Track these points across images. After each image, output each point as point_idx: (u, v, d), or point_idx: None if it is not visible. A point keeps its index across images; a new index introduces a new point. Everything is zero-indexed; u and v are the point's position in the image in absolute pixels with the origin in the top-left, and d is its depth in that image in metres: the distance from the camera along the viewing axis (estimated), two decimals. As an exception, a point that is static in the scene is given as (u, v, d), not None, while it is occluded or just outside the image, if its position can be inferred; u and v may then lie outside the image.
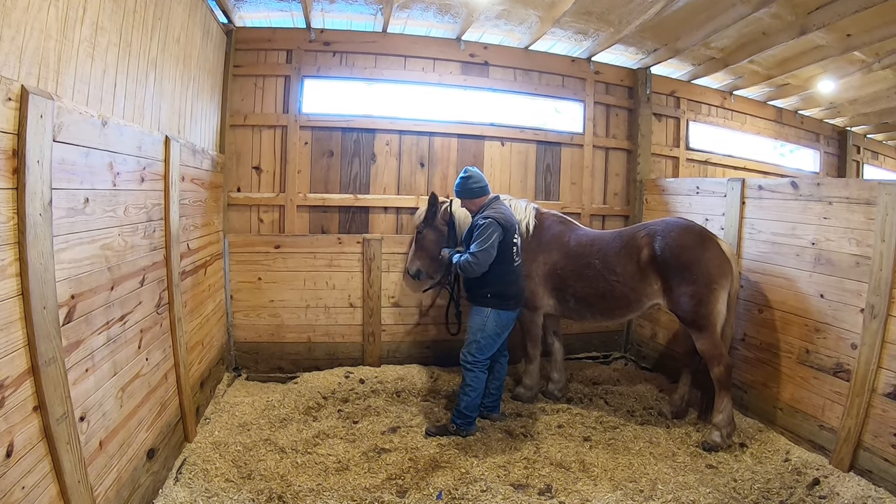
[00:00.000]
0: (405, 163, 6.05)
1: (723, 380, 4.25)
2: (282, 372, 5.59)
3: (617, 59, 6.57)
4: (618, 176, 6.74)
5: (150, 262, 3.32)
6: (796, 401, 4.28)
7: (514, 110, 6.43)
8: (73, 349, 2.41)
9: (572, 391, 5.29)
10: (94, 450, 2.56)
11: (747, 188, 4.84)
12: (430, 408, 4.84)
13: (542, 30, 5.63)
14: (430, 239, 5.30)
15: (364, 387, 5.29)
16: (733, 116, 7.68)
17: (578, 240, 4.84)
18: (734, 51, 6.05)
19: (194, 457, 3.78)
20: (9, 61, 1.98)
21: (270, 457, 3.90)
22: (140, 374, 3.14)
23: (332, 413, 4.70)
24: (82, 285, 2.50)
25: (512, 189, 6.32)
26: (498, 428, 4.50)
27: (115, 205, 2.83)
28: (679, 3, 4.86)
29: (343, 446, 4.12)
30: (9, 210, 1.97)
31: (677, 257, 4.31)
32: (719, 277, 4.27)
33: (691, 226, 4.52)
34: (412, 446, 4.16)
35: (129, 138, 2.95)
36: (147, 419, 3.21)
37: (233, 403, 4.74)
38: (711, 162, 7.36)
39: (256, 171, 5.71)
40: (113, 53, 2.79)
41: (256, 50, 5.62)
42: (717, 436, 4.22)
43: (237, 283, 5.57)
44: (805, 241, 4.24)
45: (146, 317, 3.26)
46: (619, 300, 4.59)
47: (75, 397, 2.37)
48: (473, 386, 4.27)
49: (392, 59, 5.96)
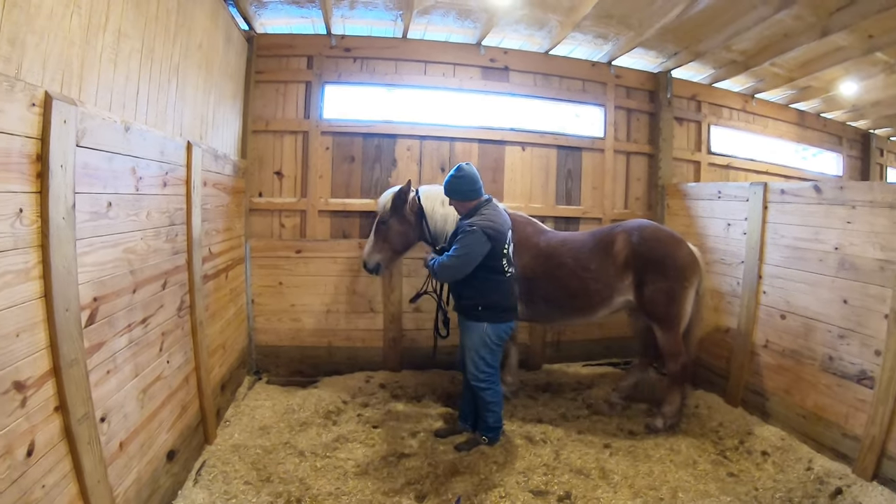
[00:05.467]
0: (426, 168, 6.04)
1: (677, 376, 4.56)
2: (302, 376, 5.61)
3: (637, 63, 6.51)
4: (639, 181, 6.67)
5: (172, 266, 3.36)
6: (819, 408, 4.17)
7: (534, 115, 6.40)
8: (94, 351, 2.44)
9: (592, 398, 5.21)
10: (115, 450, 2.59)
11: (770, 192, 4.74)
12: (450, 413, 4.81)
13: (562, 34, 5.60)
14: (396, 230, 4.72)
15: (384, 391, 5.28)
16: (755, 120, 7.55)
17: (548, 241, 4.80)
18: (756, 53, 5.95)
19: (214, 459, 3.81)
20: (33, 68, 2.02)
21: (290, 460, 3.91)
22: (161, 377, 3.18)
23: (352, 417, 4.70)
24: (105, 288, 2.54)
25: (533, 194, 6.30)
26: (518, 434, 4.45)
27: (138, 209, 2.87)
28: (700, 6, 4.80)
29: (362, 450, 4.11)
30: (33, 213, 2.01)
31: (653, 251, 4.49)
32: (691, 275, 4.50)
33: (663, 226, 4.85)
34: (432, 451, 4.13)
35: (151, 143, 2.99)
36: (167, 421, 3.25)
37: (253, 406, 4.77)
38: (733, 166, 7.25)
39: (278, 177, 5.76)
40: (136, 60, 2.84)
41: (278, 56, 5.69)
42: (659, 422, 4.54)
43: (259, 287, 5.62)
44: (828, 245, 4.14)
45: (168, 320, 3.30)
46: (592, 297, 4.63)
47: (97, 398, 2.41)
48: (496, 401, 4.18)
49: (412, 65, 5.98)
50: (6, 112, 1.83)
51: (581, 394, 5.35)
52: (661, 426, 4.51)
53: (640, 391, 5.17)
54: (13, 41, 1.91)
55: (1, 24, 1.84)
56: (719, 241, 5.38)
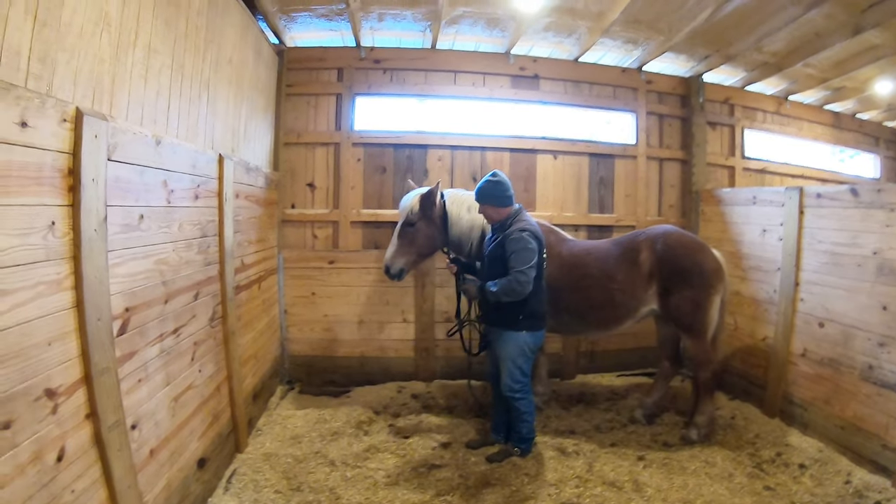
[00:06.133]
0: (458, 178, 6.04)
1: (708, 384, 4.45)
2: (335, 386, 5.64)
3: (668, 68, 6.40)
4: (673, 187, 6.52)
5: (204, 277, 3.43)
6: (859, 419, 4.00)
7: (565, 123, 6.34)
8: (126, 360, 2.50)
9: (627, 408, 5.08)
10: (145, 457, 2.63)
11: (806, 197, 4.59)
12: (482, 424, 4.75)
13: (591, 40, 5.54)
14: (424, 233, 4.51)
15: (416, 402, 5.26)
16: (789, 122, 7.33)
17: (571, 250, 4.68)
18: (787, 54, 5.79)
19: (245, 467, 3.85)
20: (64, 84, 2.10)
21: (320, 470, 3.92)
22: (193, 386, 3.23)
23: (384, 428, 4.68)
24: (136, 298, 2.59)
25: (565, 203, 6.23)
26: (550, 446, 4.37)
27: (170, 221, 2.94)
28: (728, 8, 4.71)
29: (393, 461, 4.10)
30: (65, 226, 2.07)
31: (678, 258, 4.40)
32: (716, 282, 4.42)
33: (687, 232, 4.75)
34: (463, 463, 4.08)
35: (182, 157, 3.06)
36: (198, 429, 3.30)
37: (285, 416, 4.81)
38: (769, 170, 7.04)
39: (310, 188, 5.84)
40: (166, 75, 2.93)
41: (308, 69, 5.79)
42: (694, 433, 4.41)
43: (292, 297, 5.69)
44: (867, 250, 3.99)
45: (200, 330, 3.36)
46: (618, 309, 4.53)
47: (128, 406, 2.46)
48: (529, 411, 4.11)
49: (442, 75, 6.00)
50: (38, 128, 1.89)
51: (615, 404, 5.24)
52: (696, 437, 4.39)
53: (666, 403, 5.05)
54: (44, 59, 1.98)
55: (31, 43, 1.91)
56: (755, 248, 5.23)
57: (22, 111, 1.81)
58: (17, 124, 1.80)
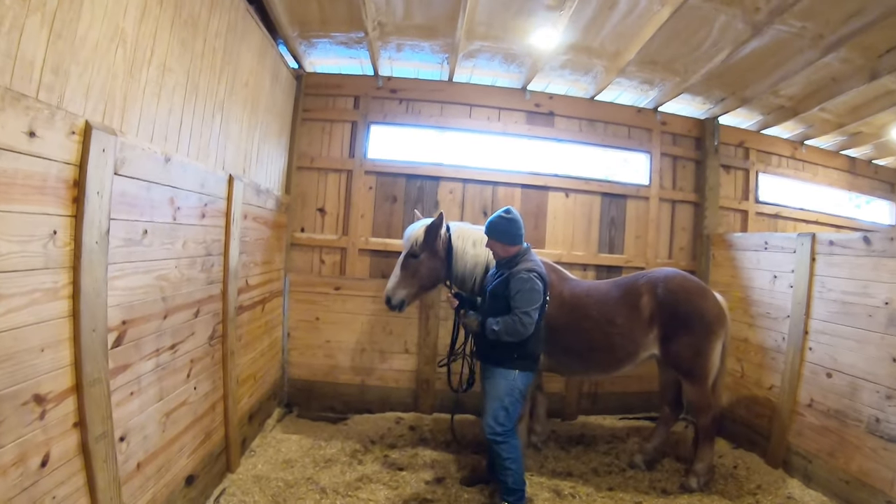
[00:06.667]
0: (468, 211, 6.06)
1: (708, 430, 4.37)
2: (333, 412, 5.60)
3: (684, 110, 6.43)
4: (684, 230, 6.48)
5: (206, 295, 3.46)
6: (864, 473, 3.87)
7: (579, 161, 6.36)
8: (119, 372, 2.51)
9: (627, 452, 4.96)
10: (132, 470, 2.63)
11: (818, 243, 4.53)
12: (479, 461, 4.67)
13: (608, 79, 5.61)
14: (427, 266, 4.46)
15: (413, 434, 5.20)
16: (804, 167, 7.25)
17: (572, 290, 4.60)
18: (803, 98, 5.80)
19: (234, 487, 3.81)
20: (75, 97, 2.16)
21: (310, 496, 3.86)
22: (186, 402, 3.23)
23: (378, 458, 4.62)
24: (134, 312, 2.62)
25: (575, 241, 6.20)
26: (546, 487, 4.27)
27: (174, 238, 2.98)
28: (745, 51, 4.75)
29: (385, 492, 4.03)
30: (67, 236, 2.12)
31: (679, 304, 4.34)
32: (717, 327, 4.36)
33: (689, 276, 4.66)
34: (455, 499, 4.01)
35: (191, 175, 3.13)
36: (189, 446, 3.28)
37: (279, 439, 4.78)
38: (782, 215, 6.94)
39: (321, 213, 5.90)
40: (179, 94, 3.01)
41: (325, 95, 5.91)
42: (694, 482, 4.31)
43: (296, 321, 5.70)
44: (878, 300, 3.90)
45: (198, 347, 3.38)
46: (617, 352, 4.44)
47: (117, 418, 2.47)
48: (513, 457, 3.79)
49: (458, 108, 6.08)
50: (46, 139, 1.95)
51: (615, 448, 5.12)
52: (696, 485, 4.28)
53: (667, 449, 4.93)
54: (56, 71, 2.05)
55: (45, 54, 1.98)
56: (765, 294, 5.15)
57: (31, 121, 1.87)
58: (24, 134, 1.85)
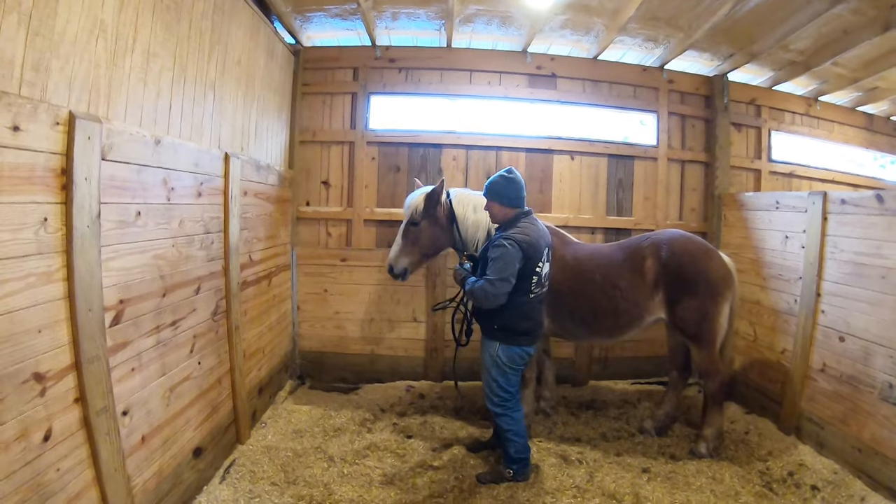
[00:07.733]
0: (472, 178, 6.03)
1: (716, 395, 4.33)
2: (345, 382, 5.72)
3: (691, 67, 6.24)
4: (694, 191, 6.36)
5: (206, 272, 3.53)
6: (876, 441, 3.78)
7: (583, 123, 6.26)
8: (119, 349, 2.61)
9: (638, 418, 5.00)
10: (136, 443, 2.75)
11: (829, 202, 4.37)
12: (487, 427, 4.74)
13: (609, 38, 5.47)
14: (428, 234, 4.47)
15: (423, 402, 5.30)
16: (819, 124, 7.00)
17: (575, 254, 4.54)
18: (815, 52, 5.57)
19: (244, 458, 3.95)
20: (58, 90, 2.21)
21: (318, 464, 3.99)
22: (191, 377, 3.34)
23: (388, 426, 4.73)
24: (131, 291, 2.70)
25: (582, 205, 6.14)
26: (553, 452, 4.32)
27: (170, 218, 3.04)
28: (750, 4, 4.58)
29: (391, 460, 4.14)
30: (58, 222, 2.19)
31: (684, 266, 4.27)
32: (724, 289, 4.28)
33: (694, 237, 4.55)
34: (461, 465, 4.09)
35: (184, 156, 3.17)
36: (195, 419, 3.40)
37: (291, 410, 4.90)
38: (797, 174, 6.75)
39: (325, 186, 5.94)
40: (167, 78, 3.03)
41: (324, 69, 5.88)
42: (703, 447, 4.30)
43: (305, 294, 5.80)
44: (891, 261, 3.76)
45: (200, 323, 3.47)
46: (621, 316, 4.37)
47: (119, 393, 2.57)
48: (514, 430, 3.79)
49: (457, 74, 6.00)
50: (30, 131, 2.02)
51: (625, 413, 5.14)
52: (705, 451, 4.26)
53: (678, 414, 4.92)
54: (37, 67, 2.10)
55: (25, 52, 2.03)
56: (776, 255, 5.03)
57: (14, 116, 1.93)
58: (8, 128, 1.92)
